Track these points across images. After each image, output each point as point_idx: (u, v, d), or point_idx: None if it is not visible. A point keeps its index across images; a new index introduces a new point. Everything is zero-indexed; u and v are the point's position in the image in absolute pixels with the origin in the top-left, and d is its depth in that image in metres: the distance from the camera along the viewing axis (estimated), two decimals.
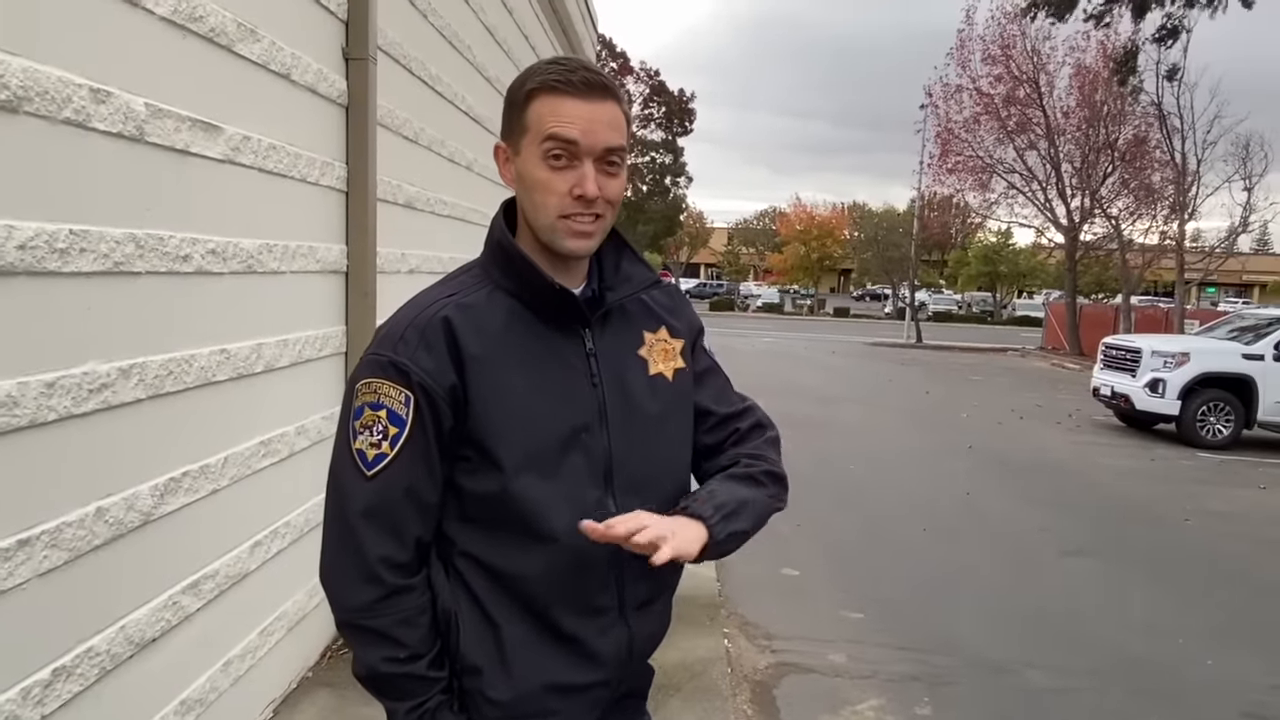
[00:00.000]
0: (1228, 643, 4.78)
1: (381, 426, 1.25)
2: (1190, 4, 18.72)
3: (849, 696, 3.95)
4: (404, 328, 1.28)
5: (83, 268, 2.07)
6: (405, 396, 1.25)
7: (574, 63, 1.29)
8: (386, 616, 1.26)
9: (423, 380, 1.25)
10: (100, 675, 2.17)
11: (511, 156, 1.32)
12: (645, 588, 1.40)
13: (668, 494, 1.40)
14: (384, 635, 1.26)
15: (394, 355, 1.26)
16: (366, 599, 1.26)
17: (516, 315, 1.31)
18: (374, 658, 1.27)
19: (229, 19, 2.64)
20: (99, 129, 2.10)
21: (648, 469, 1.38)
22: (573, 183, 1.26)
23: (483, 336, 1.28)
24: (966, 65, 26.12)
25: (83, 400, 2.08)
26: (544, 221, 1.29)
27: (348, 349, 3.64)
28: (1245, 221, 23.81)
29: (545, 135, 1.25)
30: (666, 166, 42.21)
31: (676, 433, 1.45)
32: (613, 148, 1.28)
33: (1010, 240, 44.55)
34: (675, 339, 1.46)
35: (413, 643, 1.27)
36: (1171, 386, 11.20)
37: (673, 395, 1.43)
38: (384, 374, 1.26)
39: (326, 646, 3.64)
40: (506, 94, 1.33)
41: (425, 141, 4.56)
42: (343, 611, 1.29)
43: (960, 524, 6.86)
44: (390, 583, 1.26)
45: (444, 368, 1.25)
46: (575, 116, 1.25)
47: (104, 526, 2.17)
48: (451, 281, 1.36)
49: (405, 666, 1.26)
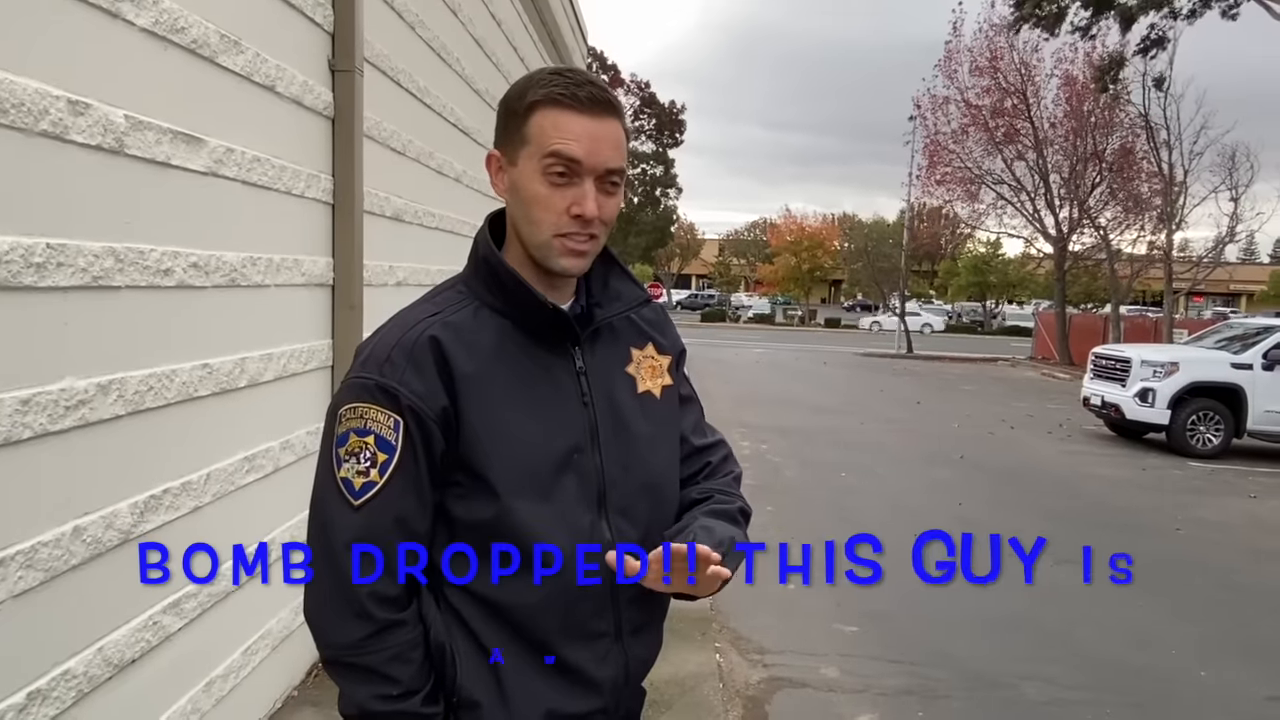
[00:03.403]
0: (1221, 654, 4.76)
1: (369, 453, 1.20)
2: (1174, 15, 18.92)
3: (842, 711, 3.91)
4: (390, 349, 1.23)
5: (60, 282, 2.03)
6: (394, 421, 1.20)
7: (579, 76, 1.24)
8: (378, 653, 1.20)
9: (413, 403, 1.20)
10: (77, 698, 2.13)
11: (506, 166, 1.28)
12: (640, 612, 1.36)
13: (659, 516, 1.37)
14: (374, 672, 1.21)
15: (381, 378, 1.21)
16: (356, 635, 1.20)
17: (505, 333, 1.28)
18: (364, 695, 1.21)
19: (212, 30, 2.61)
20: (77, 141, 2.07)
21: (639, 490, 1.34)
22: (571, 201, 1.22)
23: (473, 355, 1.24)
24: (954, 77, 26.30)
25: (59, 417, 2.04)
26: (539, 238, 1.25)
27: (334, 363, 3.60)
28: (1232, 231, 23.98)
29: (547, 151, 1.21)
30: (657, 178, 42.36)
31: (666, 453, 1.42)
32: (613, 169, 1.24)
33: (1000, 251, 44.76)
34: (663, 355, 1.44)
35: (406, 679, 1.21)
36: (1161, 396, 11.23)
37: (661, 414, 1.41)
38: (371, 398, 1.21)
39: (312, 665, 3.59)
40: (503, 100, 1.29)
41: (413, 153, 4.53)
42: (330, 649, 1.23)
43: (953, 535, 6.84)
44: (381, 618, 1.20)
45: (435, 390, 1.21)
46: (580, 134, 1.21)
47: (81, 546, 2.13)
48: (434, 300, 1.31)
49: (399, 704, 1.21)
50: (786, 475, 8.95)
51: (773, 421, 12.29)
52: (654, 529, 1.34)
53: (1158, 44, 20.14)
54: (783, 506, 7.56)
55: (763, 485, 8.34)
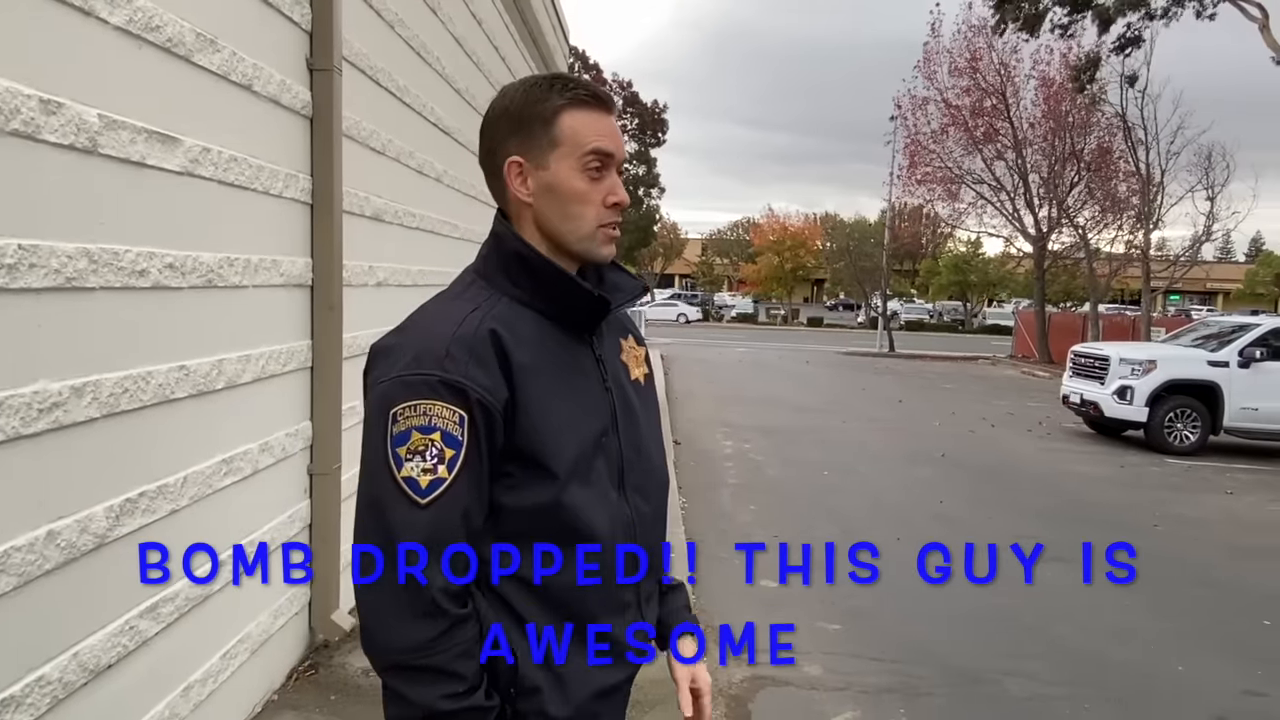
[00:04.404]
0: (1198, 648, 4.81)
1: (436, 450, 1.20)
2: (1150, 16, 19.13)
3: (825, 709, 3.92)
4: (445, 344, 1.23)
5: (32, 283, 2.00)
6: (460, 416, 1.21)
7: (583, 79, 1.36)
8: (447, 651, 1.20)
9: (481, 397, 1.22)
10: (52, 704, 2.10)
11: (532, 170, 1.32)
12: (649, 581, 1.46)
13: (659, 493, 1.47)
14: (443, 671, 1.20)
15: (444, 374, 1.21)
16: (425, 636, 1.19)
17: (541, 325, 1.32)
18: (432, 697, 1.20)
19: (187, 29, 2.59)
20: (49, 141, 2.04)
21: (647, 469, 1.44)
22: (607, 191, 1.32)
23: (523, 346, 1.28)
24: (933, 77, 26.45)
25: (32, 420, 2.01)
26: (582, 231, 1.32)
27: (313, 363, 3.58)
28: (1209, 230, 24.25)
29: (589, 149, 1.30)
30: (640, 178, 42.32)
31: (658, 435, 1.52)
32: (624, 158, 1.38)
33: (980, 250, 45.06)
34: (640, 346, 1.54)
35: (471, 675, 1.22)
36: (1139, 394, 11.34)
37: (649, 399, 1.51)
38: (434, 394, 1.20)
39: (292, 668, 3.56)
40: (513, 110, 1.32)
41: (393, 153, 4.51)
42: (395, 654, 1.21)
43: (934, 532, 6.88)
44: (452, 614, 1.21)
45: (498, 382, 1.23)
46: (609, 130, 1.32)
47: (55, 550, 2.10)
48: (464, 296, 1.32)
49: (465, 700, 1.22)
50: (769, 474, 8.98)
51: (755, 421, 12.31)
52: (658, 505, 1.45)
53: (1133, 43, 20.35)
54: (765, 505, 7.58)
55: (746, 484, 8.36)
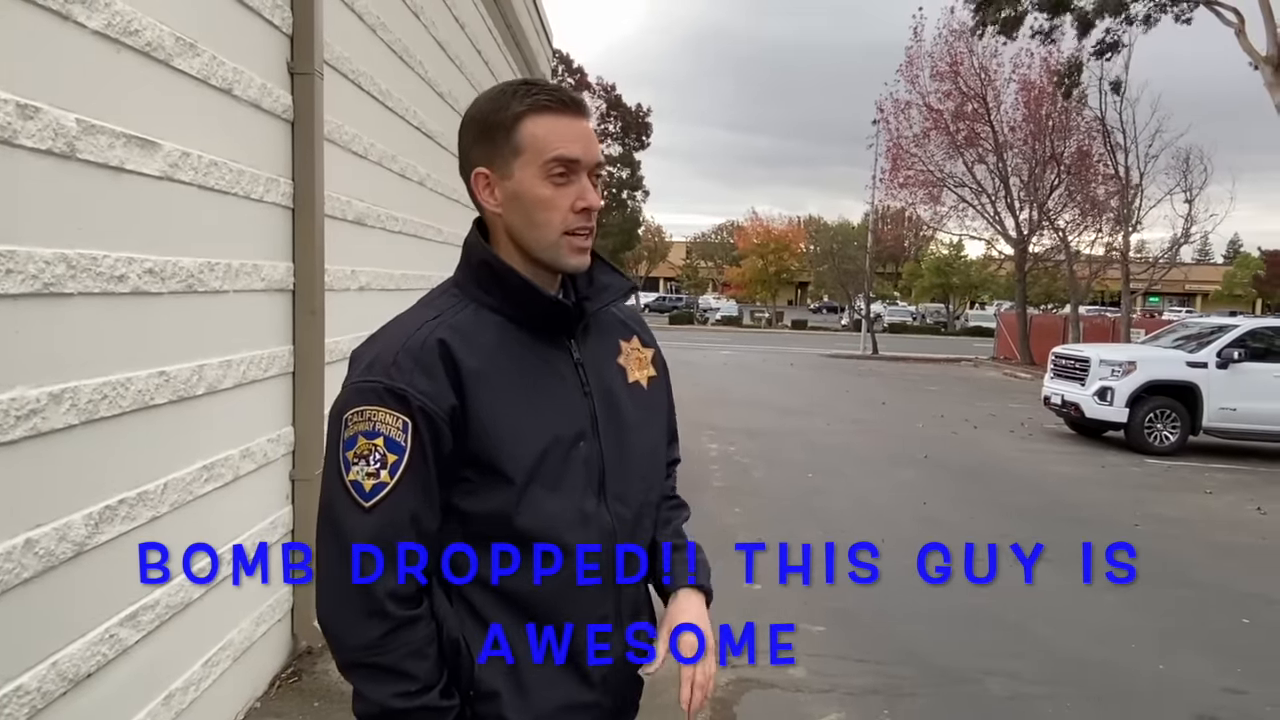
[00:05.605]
0: (1178, 647, 4.86)
1: (379, 455, 1.23)
2: (1129, 21, 19.33)
3: (810, 711, 3.93)
4: (395, 353, 1.26)
5: (10, 289, 1.99)
6: (403, 422, 1.23)
7: (548, 83, 1.34)
8: (395, 651, 1.23)
9: (423, 404, 1.23)
10: (31, 714, 2.08)
11: (498, 180, 1.32)
12: (633, 596, 1.44)
13: (648, 503, 1.45)
14: (393, 670, 1.23)
15: (389, 381, 1.24)
16: (373, 635, 1.23)
17: (506, 330, 1.32)
18: (384, 694, 1.23)
19: (166, 33, 2.57)
20: (26, 145, 2.02)
21: (633, 477, 1.41)
22: (574, 197, 1.29)
23: (478, 353, 1.28)
24: (915, 81, 26.63)
25: (9, 427, 1.99)
26: (547, 239, 1.31)
27: (295, 369, 3.56)
28: (1187, 233, 24.50)
29: (550, 156, 1.27)
30: (624, 181, 42.32)
31: (656, 441, 1.50)
32: (600, 162, 1.34)
33: (962, 253, 45.37)
34: (646, 348, 1.52)
35: (423, 674, 1.24)
36: (1119, 394, 11.44)
37: (649, 404, 1.48)
38: (379, 400, 1.24)
39: (275, 675, 3.53)
40: (475, 119, 1.32)
41: (375, 157, 4.50)
42: (348, 652, 1.25)
43: (918, 533, 6.91)
44: (397, 615, 1.23)
45: (443, 390, 1.24)
46: (574, 135, 1.29)
47: (33, 559, 2.08)
48: (431, 304, 1.35)
49: (418, 699, 1.24)
50: (755, 476, 8.99)
51: (741, 423, 12.33)
52: (645, 515, 1.44)
53: (1112, 47, 20.56)
54: (751, 508, 7.59)
55: (731, 487, 8.37)
